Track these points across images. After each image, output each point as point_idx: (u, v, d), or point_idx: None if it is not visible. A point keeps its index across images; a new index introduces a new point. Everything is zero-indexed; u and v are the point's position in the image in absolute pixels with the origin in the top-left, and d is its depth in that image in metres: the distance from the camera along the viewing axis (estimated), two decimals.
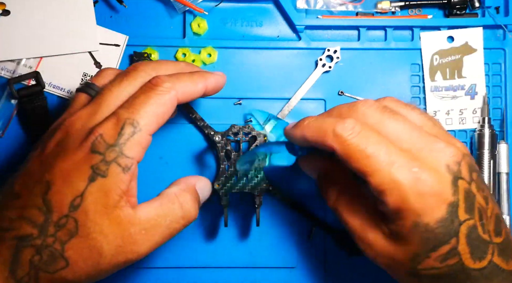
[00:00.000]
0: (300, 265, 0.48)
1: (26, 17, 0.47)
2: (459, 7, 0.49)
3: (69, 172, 0.34)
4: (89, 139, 0.34)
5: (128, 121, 0.35)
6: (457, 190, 0.34)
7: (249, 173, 0.45)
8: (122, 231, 0.34)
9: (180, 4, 0.48)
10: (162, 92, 0.36)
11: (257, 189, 0.45)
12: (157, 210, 0.36)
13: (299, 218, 0.48)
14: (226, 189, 0.45)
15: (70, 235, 0.33)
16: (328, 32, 0.50)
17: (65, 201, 0.33)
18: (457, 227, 0.33)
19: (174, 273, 0.48)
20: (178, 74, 0.38)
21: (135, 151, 0.35)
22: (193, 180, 0.40)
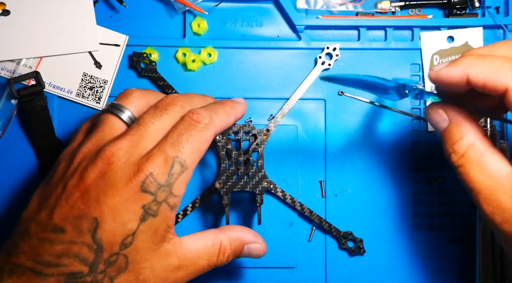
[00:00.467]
0: (300, 265, 0.48)
1: (26, 17, 0.47)
2: (459, 7, 0.49)
3: (119, 211, 0.34)
4: (139, 177, 0.34)
5: (176, 160, 0.36)
6: None
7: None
8: (168, 264, 0.36)
9: (180, 4, 0.48)
10: (203, 129, 0.37)
11: (258, 188, 0.45)
12: (199, 250, 0.37)
13: (299, 218, 0.48)
14: (227, 188, 0.44)
15: (119, 271, 0.34)
16: (328, 32, 0.50)
17: (116, 240, 0.34)
18: None
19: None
20: (213, 107, 0.40)
21: (182, 189, 0.36)
22: (248, 238, 0.40)
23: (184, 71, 0.49)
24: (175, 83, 0.48)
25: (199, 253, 0.37)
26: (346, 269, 0.48)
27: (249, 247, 0.40)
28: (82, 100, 0.48)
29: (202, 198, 0.47)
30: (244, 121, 0.48)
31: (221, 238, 0.39)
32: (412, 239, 0.48)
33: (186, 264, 0.36)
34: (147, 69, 0.48)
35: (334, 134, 0.49)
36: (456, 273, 0.48)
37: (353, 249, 0.47)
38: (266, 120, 0.49)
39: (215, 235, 0.39)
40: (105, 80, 0.48)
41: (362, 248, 0.47)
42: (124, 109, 0.39)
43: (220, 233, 0.39)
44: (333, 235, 0.48)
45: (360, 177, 0.48)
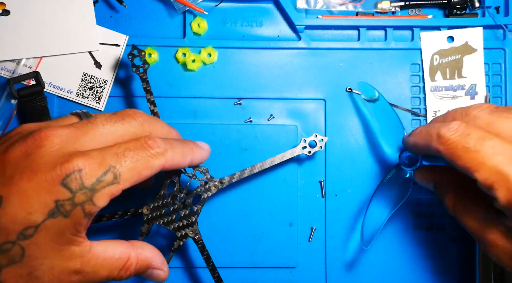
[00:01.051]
0: (300, 265, 0.48)
1: (26, 17, 0.47)
2: (459, 7, 0.49)
3: (29, 197, 0.31)
4: (65, 168, 0.31)
5: (112, 169, 0.33)
6: None
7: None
8: (68, 266, 0.33)
9: (180, 4, 0.48)
10: (153, 156, 0.35)
11: (181, 232, 0.41)
12: (105, 260, 0.35)
13: (299, 218, 0.48)
14: (151, 217, 0.41)
15: (11, 261, 0.31)
16: (328, 32, 0.50)
17: (15, 228, 0.31)
18: None
19: (174, 273, 0.48)
20: (172, 142, 0.37)
21: (104, 200, 0.33)
22: (155, 263, 0.38)
23: (184, 71, 0.49)
24: (175, 83, 0.48)
25: (104, 263, 0.34)
26: (346, 269, 0.48)
27: (152, 272, 0.38)
28: (82, 100, 0.48)
29: (122, 214, 0.43)
30: (244, 121, 0.48)
31: (130, 254, 0.36)
32: (412, 239, 0.48)
33: (87, 271, 0.34)
34: (138, 67, 0.45)
35: (334, 134, 0.49)
36: (457, 273, 0.48)
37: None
38: (266, 120, 0.49)
39: (125, 249, 0.36)
40: (105, 80, 0.48)
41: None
42: (90, 115, 0.37)
43: (132, 249, 0.36)
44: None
45: (360, 177, 0.48)
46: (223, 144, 0.48)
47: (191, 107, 0.49)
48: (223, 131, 0.48)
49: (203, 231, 0.47)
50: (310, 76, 0.49)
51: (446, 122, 0.36)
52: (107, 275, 0.35)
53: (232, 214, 0.48)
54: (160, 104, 0.47)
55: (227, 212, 0.48)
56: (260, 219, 0.48)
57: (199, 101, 0.48)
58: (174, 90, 0.49)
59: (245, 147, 0.48)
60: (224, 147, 0.48)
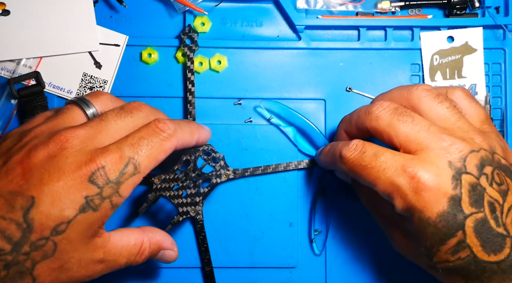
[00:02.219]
0: (300, 265, 0.48)
1: (26, 17, 0.47)
2: (459, 7, 0.49)
3: (60, 195, 0.33)
4: (90, 167, 0.34)
5: (131, 161, 0.35)
6: (459, 184, 0.34)
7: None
8: (94, 257, 0.35)
9: (180, 4, 0.48)
10: (165, 138, 0.37)
11: (182, 208, 0.44)
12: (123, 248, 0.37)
13: (299, 218, 0.48)
14: (159, 188, 0.43)
15: (44, 256, 0.33)
16: (328, 32, 0.50)
17: (49, 224, 0.33)
18: (462, 220, 0.34)
19: (174, 273, 0.48)
20: (179, 122, 0.40)
21: (129, 191, 0.35)
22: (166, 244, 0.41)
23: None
24: (175, 83, 0.48)
25: (122, 251, 0.37)
26: (346, 269, 0.48)
27: (163, 253, 0.41)
28: None
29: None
30: (244, 121, 0.48)
31: (143, 239, 0.39)
32: None
33: (108, 259, 0.36)
34: (190, 46, 0.47)
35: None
36: None
37: None
38: (266, 121, 0.49)
39: (138, 235, 0.38)
40: (105, 80, 0.48)
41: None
42: (91, 105, 0.39)
43: (143, 234, 0.39)
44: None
45: None
46: (223, 143, 0.48)
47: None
48: (223, 131, 0.48)
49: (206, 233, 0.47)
50: (310, 76, 0.49)
51: (346, 142, 0.39)
52: (126, 262, 0.38)
53: (232, 214, 0.48)
54: (160, 105, 0.47)
55: (227, 212, 0.48)
56: (260, 219, 0.48)
57: (199, 101, 0.48)
58: (174, 90, 0.49)
59: (245, 147, 0.48)
60: (224, 146, 0.48)
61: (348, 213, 0.48)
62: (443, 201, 0.34)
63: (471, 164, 0.35)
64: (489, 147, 0.36)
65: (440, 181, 0.34)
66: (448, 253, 0.35)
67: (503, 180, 0.36)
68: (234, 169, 0.46)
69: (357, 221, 0.48)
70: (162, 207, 0.47)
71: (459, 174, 0.35)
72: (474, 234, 0.34)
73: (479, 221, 0.34)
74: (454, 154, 0.35)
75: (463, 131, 0.37)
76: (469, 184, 0.35)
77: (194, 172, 0.44)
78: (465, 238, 0.34)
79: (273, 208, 0.48)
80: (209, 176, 0.45)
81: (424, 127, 0.36)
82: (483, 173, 0.35)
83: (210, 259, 0.46)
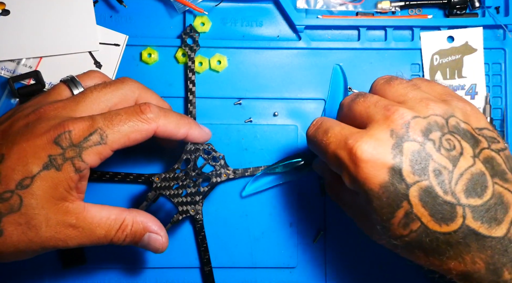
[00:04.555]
0: (300, 265, 0.48)
1: (26, 17, 0.47)
2: (459, 7, 0.49)
3: (27, 152, 0.35)
4: (57, 130, 0.36)
5: (99, 131, 0.36)
6: (399, 153, 0.33)
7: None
8: (65, 220, 0.36)
9: (180, 4, 0.48)
10: (144, 120, 0.38)
11: (182, 207, 0.44)
12: (101, 220, 0.38)
13: (299, 218, 0.48)
14: (159, 187, 0.44)
15: (10, 210, 0.35)
16: (328, 32, 0.50)
17: (14, 177, 0.35)
18: (405, 189, 0.33)
19: (174, 273, 0.48)
20: (167, 111, 0.40)
21: (92, 158, 0.36)
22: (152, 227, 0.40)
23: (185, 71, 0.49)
24: (175, 83, 0.48)
25: (100, 222, 0.37)
26: (346, 270, 0.48)
27: (149, 236, 0.40)
28: None
29: (135, 178, 0.46)
30: (244, 121, 0.48)
31: (126, 216, 0.39)
32: None
33: (83, 227, 0.37)
34: (190, 46, 0.48)
35: None
36: None
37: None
38: (266, 120, 0.49)
39: (121, 211, 0.39)
40: None
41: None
42: (79, 85, 0.41)
43: (126, 212, 0.39)
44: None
45: None
46: (223, 143, 0.48)
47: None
48: (223, 131, 0.48)
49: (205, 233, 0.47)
50: (310, 76, 0.49)
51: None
52: (105, 235, 0.38)
53: (232, 214, 0.48)
54: None
55: (227, 212, 0.48)
56: (260, 219, 0.48)
57: (199, 101, 0.48)
58: (174, 90, 0.49)
59: (245, 147, 0.48)
60: (224, 146, 0.48)
61: None
62: (383, 172, 0.33)
63: (415, 130, 0.34)
64: (443, 111, 0.35)
65: (379, 151, 0.33)
66: (400, 227, 0.34)
67: (454, 145, 0.34)
68: (234, 168, 0.46)
69: None
70: (162, 206, 0.47)
71: (401, 142, 0.34)
72: (421, 203, 0.33)
73: (424, 189, 0.33)
74: (396, 121, 0.34)
75: (415, 100, 0.36)
76: (412, 151, 0.33)
77: (194, 171, 0.44)
78: (411, 208, 0.33)
79: (273, 208, 0.48)
80: (209, 175, 0.45)
81: (373, 103, 0.36)
82: (429, 139, 0.34)
83: (209, 259, 0.46)
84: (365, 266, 0.48)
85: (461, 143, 0.34)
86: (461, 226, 0.33)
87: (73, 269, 0.47)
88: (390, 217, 0.34)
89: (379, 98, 0.36)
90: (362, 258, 0.48)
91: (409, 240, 0.34)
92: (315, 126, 0.38)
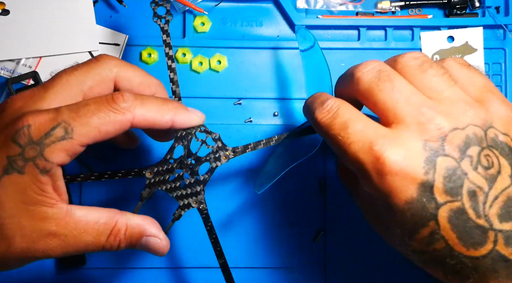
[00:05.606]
0: (300, 265, 0.48)
1: (26, 17, 0.47)
2: (459, 7, 0.49)
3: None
4: (16, 125, 0.31)
5: (63, 124, 0.31)
6: (432, 168, 0.30)
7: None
8: (42, 228, 0.32)
9: (180, 4, 0.48)
10: (116, 110, 0.33)
11: (183, 201, 0.39)
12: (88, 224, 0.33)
13: (299, 218, 0.48)
14: (153, 182, 0.38)
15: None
16: (328, 32, 0.50)
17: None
18: (434, 209, 0.30)
19: (173, 273, 0.47)
20: (147, 97, 0.35)
21: (57, 156, 0.31)
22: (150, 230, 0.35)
23: (185, 71, 0.49)
24: None
25: (87, 227, 0.33)
26: (346, 270, 0.48)
27: (147, 240, 0.35)
28: None
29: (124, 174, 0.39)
30: (244, 121, 0.48)
31: (118, 219, 0.34)
32: None
33: (66, 234, 0.32)
34: (161, 17, 0.42)
35: None
36: None
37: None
38: (265, 120, 0.49)
39: (112, 214, 0.34)
40: None
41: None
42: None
43: (119, 215, 0.34)
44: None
45: None
46: None
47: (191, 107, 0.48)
48: (223, 131, 0.48)
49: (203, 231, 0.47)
50: None
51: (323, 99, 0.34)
52: (94, 242, 0.33)
53: (232, 214, 0.48)
54: None
55: (227, 212, 0.48)
56: (260, 219, 0.48)
57: (199, 101, 0.48)
58: None
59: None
60: None
61: (348, 213, 0.48)
62: (412, 187, 0.30)
63: (451, 144, 0.30)
64: (483, 120, 0.31)
65: (410, 164, 0.30)
66: (423, 243, 0.31)
67: (492, 161, 0.31)
68: (233, 147, 0.40)
69: (357, 221, 0.48)
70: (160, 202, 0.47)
71: (435, 156, 0.30)
72: (449, 225, 0.30)
73: (455, 210, 0.30)
74: (431, 132, 0.31)
75: (450, 102, 0.32)
76: (446, 168, 0.30)
77: (189, 159, 0.39)
78: (438, 229, 0.30)
79: (273, 208, 0.48)
80: (207, 160, 0.39)
81: (404, 97, 0.32)
82: (467, 155, 0.30)
83: (222, 251, 0.41)
84: (365, 266, 0.48)
85: (499, 160, 0.31)
86: (490, 252, 0.30)
87: (72, 270, 0.47)
88: (412, 232, 0.31)
89: (410, 90, 0.32)
90: (362, 258, 0.48)
91: (430, 257, 0.32)
92: (330, 112, 0.33)
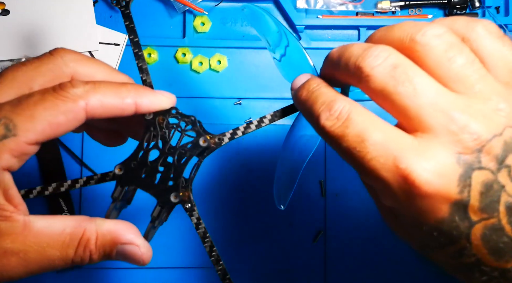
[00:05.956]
0: (300, 266, 0.48)
1: (26, 17, 0.47)
2: (459, 7, 0.49)
3: None
4: None
5: (3, 120, 0.27)
6: (467, 186, 0.26)
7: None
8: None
9: (180, 4, 0.48)
10: (65, 99, 0.29)
11: (163, 198, 0.32)
12: (51, 237, 0.29)
13: (299, 218, 0.48)
14: (125, 180, 0.32)
15: None
16: (328, 32, 0.50)
17: None
18: (467, 228, 0.26)
19: (173, 273, 0.47)
20: (101, 82, 0.31)
21: (3, 158, 0.27)
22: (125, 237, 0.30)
23: (185, 71, 0.49)
24: (175, 83, 0.48)
25: (49, 240, 0.28)
26: (346, 270, 0.48)
27: (123, 248, 0.30)
28: None
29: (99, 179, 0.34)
30: (244, 121, 0.48)
31: (86, 227, 0.29)
32: None
33: (26, 250, 0.28)
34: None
35: None
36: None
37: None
38: None
39: (79, 221, 0.29)
40: None
41: None
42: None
43: (87, 221, 0.29)
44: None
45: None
46: None
47: (191, 107, 0.49)
48: (223, 131, 0.48)
49: None
50: None
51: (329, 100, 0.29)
52: (60, 256, 0.29)
53: (232, 214, 0.48)
54: None
55: (226, 213, 0.48)
56: (260, 219, 0.48)
57: (199, 101, 0.48)
58: (174, 90, 0.48)
59: (245, 146, 0.48)
60: (223, 146, 0.48)
61: (348, 213, 0.48)
62: (444, 207, 0.26)
63: (489, 155, 0.26)
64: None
65: (442, 183, 0.26)
66: (449, 257, 0.28)
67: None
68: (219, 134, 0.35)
69: (357, 221, 0.48)
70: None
71: (470, 171, 0.26)
72: (482, 242, 0.27)
73: (489, 227, 0.27)
74: (466, 143, 0.26)
75: (483, 99, 0.26)
76: (482, 183, 0.26)
77: (164, 149, 0.32)
78: (470, 246, 0.27)
79: (273, 208, 0.48)
80: (183, 148, 0.33)
81: (430, 100, 0.26)
82: (505, 165, 0.26)
83: (219, 256, 0.35)
84: (364, 266, 0.48)
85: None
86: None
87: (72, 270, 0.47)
88: (438, 247, 0.28)
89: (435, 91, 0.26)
90: (361, 258, 0.48)
91: (455, 266, 0.29)
92: (339, 119, 0.27)
